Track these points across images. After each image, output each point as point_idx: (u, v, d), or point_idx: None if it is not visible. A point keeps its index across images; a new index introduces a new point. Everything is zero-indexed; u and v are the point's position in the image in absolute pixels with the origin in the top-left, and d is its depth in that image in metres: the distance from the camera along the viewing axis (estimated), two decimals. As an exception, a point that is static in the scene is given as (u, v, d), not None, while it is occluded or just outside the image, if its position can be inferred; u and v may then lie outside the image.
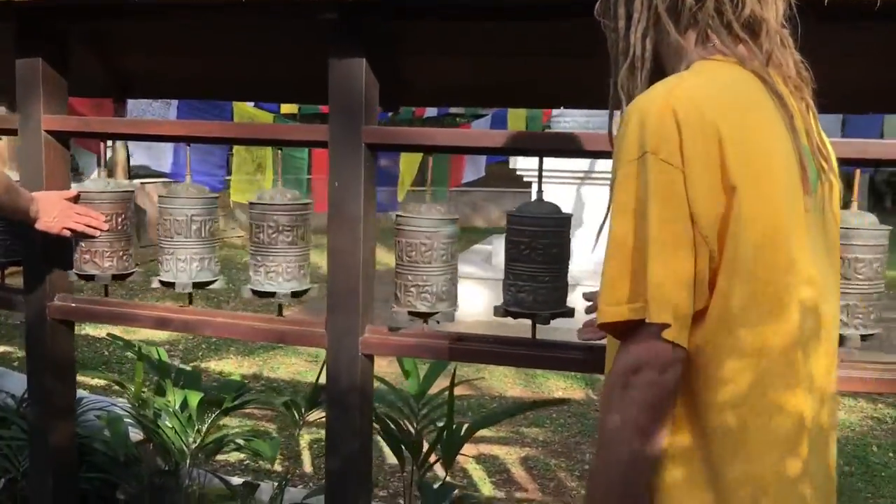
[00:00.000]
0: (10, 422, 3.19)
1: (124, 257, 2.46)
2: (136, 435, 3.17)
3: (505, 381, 6.21)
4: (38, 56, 2.40)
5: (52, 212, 2.28)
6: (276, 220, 2.27)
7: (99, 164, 2.78)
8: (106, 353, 6.46)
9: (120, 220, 2.44)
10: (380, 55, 2.12)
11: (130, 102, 4.08)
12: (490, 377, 6.22)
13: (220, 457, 3.14)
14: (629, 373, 1.12)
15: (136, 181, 13.48)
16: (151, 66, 2.74)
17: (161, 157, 4.13)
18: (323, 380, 2.31)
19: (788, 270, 1.16)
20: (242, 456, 3.92)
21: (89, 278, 2.43)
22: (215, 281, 2.42)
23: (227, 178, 4.13)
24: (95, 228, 2.34)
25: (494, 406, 5.50)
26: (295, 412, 2.84)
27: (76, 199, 2.36)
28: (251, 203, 2.30)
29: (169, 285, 2.38)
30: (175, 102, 4.10)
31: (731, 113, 1.13)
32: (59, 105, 2.47)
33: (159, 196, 2.39)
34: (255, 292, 2.33)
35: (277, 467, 3.95)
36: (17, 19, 2.34)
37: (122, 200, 2.45)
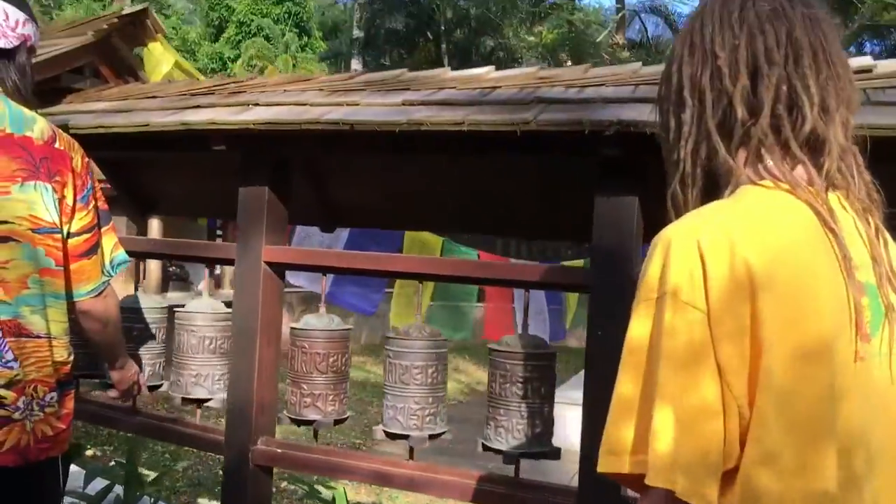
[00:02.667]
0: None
1: (344, 400, 2.27)
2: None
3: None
4: (264, 185, 2.30)
5: (131, 370, 2.29)
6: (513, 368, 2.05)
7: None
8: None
9: (341, 359, 2.26)
10: (655, 194, 1.93)
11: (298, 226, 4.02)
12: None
13: None
14: None
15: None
16: (358, 196, 2.63)
17: (318, 277, 4.00)
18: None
19: (827, 435, 0.98)
20: None
21: (307, 423, 2.24)
22: (445, 432, 2.20)
23: (384, 293, 3.98)
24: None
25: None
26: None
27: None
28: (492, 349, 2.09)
29: (397, 437, 2.17)
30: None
31: (768, 251, 0.98)
32: (279, 236, 2.35)
33: (387, 337, 2.20)
34: (485, 447, 2.11)
35: None
36: (243, 146, 2.26)
37: (341, 339, 2.29)
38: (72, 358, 1.95)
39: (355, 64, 25.34)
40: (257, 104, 2.25)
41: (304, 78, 2.40)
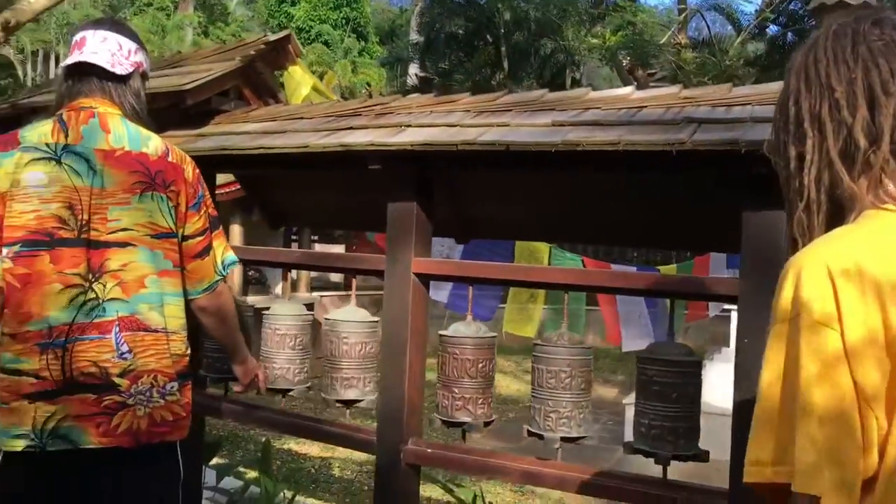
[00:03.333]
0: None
1: (491, 403, 2.41)
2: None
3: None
4: (412, 201, 2.45)
5: (252, 365, 2.50)
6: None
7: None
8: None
9: (489, 365, 2.40)
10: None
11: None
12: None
13: None
14: None
15: (315, 293, 14.00)
16: (497, 210, 2.77)
17: (439, 286, 4.14)
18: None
19: None
20: None
21: (458, 424, 2.38)
22: (584, 437, 2.32)
23: (499, 307, 4.12)
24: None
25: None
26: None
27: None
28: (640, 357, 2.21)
29: (538, 436, 2.30)
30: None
31: (895, 271, 1.04)
32: (425, 249, 2.50)
33: (536, 345, 2.34)
34: (634, 450, 2.22)
35: None
36: (398, 165, 2.41)
37: (488, 346, 2.43)
38: (189, 352, 2.13)
39: (413, 68, 25.50)
40: (409, 125, 2.40)
41: (448, 100, 2.55)
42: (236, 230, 10.78)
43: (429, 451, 2.46)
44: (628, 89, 2.35)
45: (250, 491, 3.37)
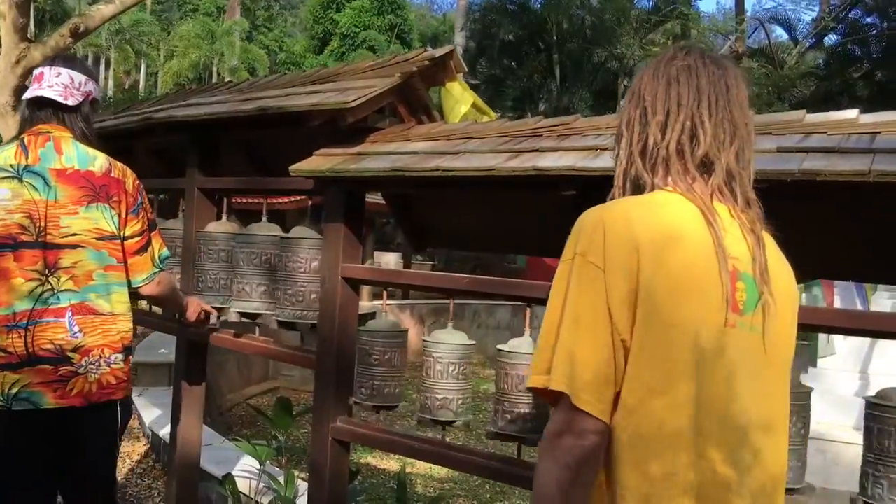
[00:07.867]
0: None
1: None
2: None
3: None
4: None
5: (191, 305, 3.11)
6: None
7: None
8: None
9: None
10: None
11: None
12: None
13: None
14: (553, 436, 1.32)
15: (376, 301, 13.96)
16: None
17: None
18: None
19: (685, 370, 1.30)
20: None
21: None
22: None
23: None
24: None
25: None
26: None
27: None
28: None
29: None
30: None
31: (653, 231, 1.33)
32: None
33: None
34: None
35: None
36: (594, 190, 2.26)
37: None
38: (131, 329, 2.57)
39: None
40: (607, 149, 2.25)
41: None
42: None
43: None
44: (853, 113, 2.17)
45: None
